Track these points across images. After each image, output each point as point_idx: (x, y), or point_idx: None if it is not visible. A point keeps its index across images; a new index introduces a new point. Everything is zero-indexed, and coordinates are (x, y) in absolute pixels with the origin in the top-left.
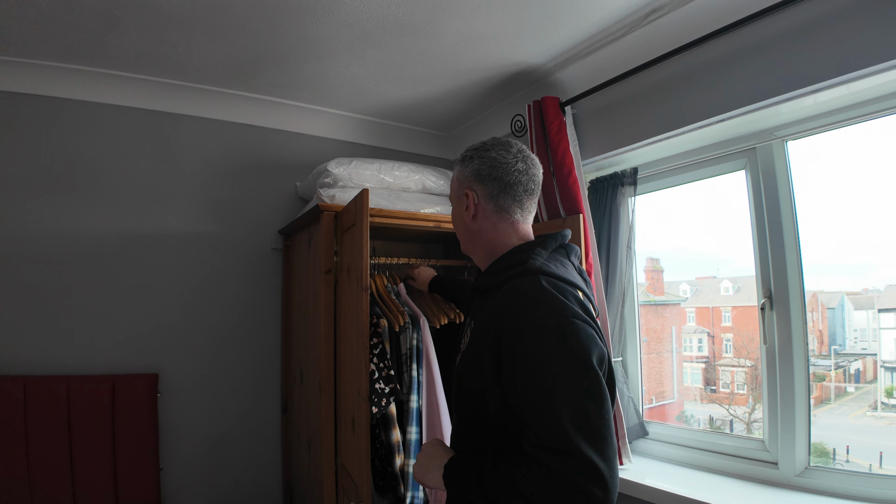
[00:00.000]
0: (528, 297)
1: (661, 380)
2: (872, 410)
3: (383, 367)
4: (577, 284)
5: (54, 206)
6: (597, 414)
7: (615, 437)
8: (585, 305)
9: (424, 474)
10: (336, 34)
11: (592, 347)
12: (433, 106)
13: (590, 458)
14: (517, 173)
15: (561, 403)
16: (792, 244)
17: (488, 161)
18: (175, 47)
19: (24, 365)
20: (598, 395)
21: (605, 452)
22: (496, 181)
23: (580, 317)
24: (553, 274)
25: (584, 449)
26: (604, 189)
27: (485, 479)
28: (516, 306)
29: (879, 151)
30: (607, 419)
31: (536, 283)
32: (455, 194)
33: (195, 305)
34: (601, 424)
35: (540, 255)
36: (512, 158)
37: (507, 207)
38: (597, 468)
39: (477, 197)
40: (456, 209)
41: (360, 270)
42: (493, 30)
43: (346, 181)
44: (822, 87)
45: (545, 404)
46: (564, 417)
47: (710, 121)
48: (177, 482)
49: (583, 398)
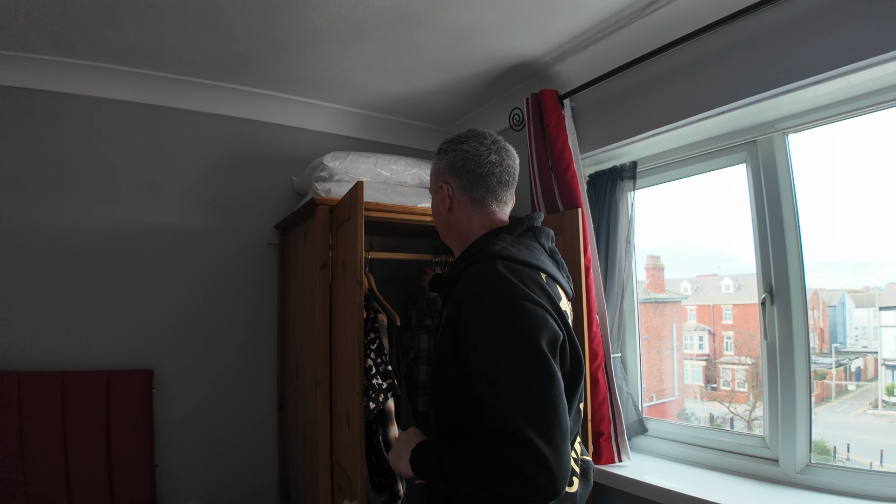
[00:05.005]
0: (482, 281)
1: (661, 377)
2: (873, 408)
3: (381, 362)
4: (541, 267)
5: (48, 200)
6: (542, 396)
7: (565, 420)
8: (547, 288)
9: (397, 460)
10: (331, 26)
11: (541, 329)
12: (430, 100)
13: (532, 440)
14: (490, 165)
15: (505, 386)
16: (793, 238)
17: (461, 154)
18: (170, 40)
19: (17, 360)
20: (545, 377)
21: (551, 436)
22: (469, 173)
23: (531, 298)
24: (511, 257)
25: (526, 432)
26: (603, 183)
27: (443, 463)
28: (471, 291)
29: (881, 145)
30: (555, 402)
31: (491, 268)
32: (432, 187)
33: (190, 301)
34: (547, 407)
35: (503, 240)
36: (485, 150)
37: (481, 199)
38: (539, 452)
39: (451, 189)
40: (434, 201)
41: (355, 264)
42: (491, 22)
43: (343, 175)
44: (823, 78)
45: (490, 387)
46: (507, 399)
47: (710, 113)
48: (172, 478)
49: (527, 380)
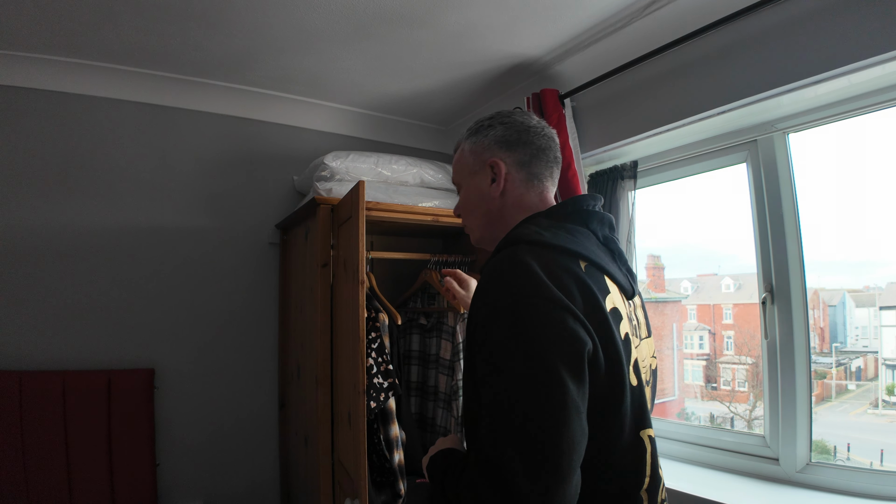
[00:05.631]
0: (492, 272)
1: (661, 377)
2: (873, 408)
3: (382, 361)
4: (581, 253)
5: (49, 200)
6: (539, 423)
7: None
8: (585, 279)
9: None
10: (332, 25)
11: (551, 337)
12: (431, 99)
13: (510, 477)
14: (546, 138)
15: (492, 403)
16: (793, 237)
17: (515, 126)
18: (171, 40)
19: (19, 359)
20: (546, 399)
21: (538, 474)
22: (527, 146)
23: (546, 295)
24: (540, 241)
25: (510, 465)
26: (603, 182)
27: (446, 480)
28: (481, 285)
29: (881, 145)
30: (556, 433)
31: (510, 256)
32: (470, 170)
33: (192, 300)
34: (542, 437)
35: (536, 223)
36: (536, 122)
37: (540, 175)
38: (518, 492)
39: (506, 166)
40: (474, 188)
41: (357, 264)
42: (492, 21)
43: (344, 174)
44: (823, 78)
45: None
46: (494, 421)
47: (711, 113)
48: (173, 477)
49: (521, 399)
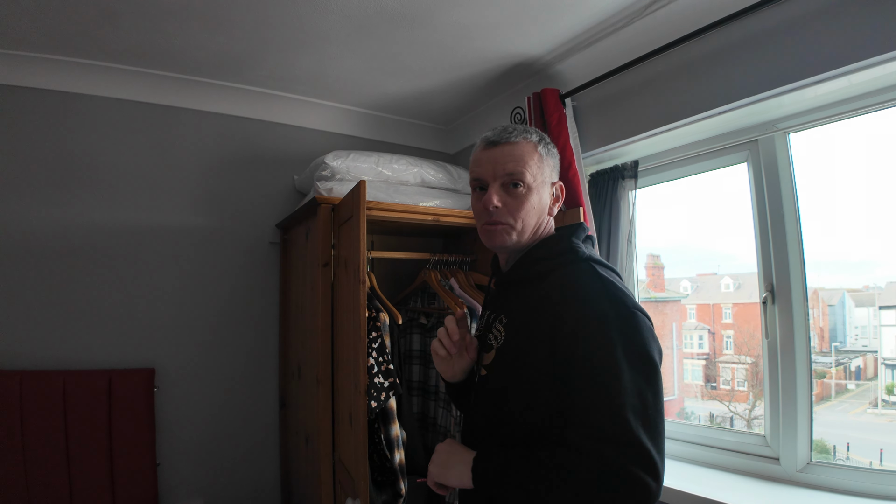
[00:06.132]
0: (587, 286)
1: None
2: (873, 408)
3: (382, 361)
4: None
5: (50, 199)
6: (654, 406)
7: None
8: None
9: (445, 473)
10: (333, 25)
11: (651, 341)
12: (432, 99)
13: (648, 448)
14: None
15: (624, 395)
16: (794, 236)
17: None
18: (172, 39)
19: (19, 359)
20: (656, 387)
21: (660, 444)
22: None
23: (640, 308)
24: (603, 263)
25: (643, 440)
26: (604, 182)
27: (523, 472)
28: (573, 297)
29: (881, 145)
30: (662, 412)
31: (592, 272)
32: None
33: (192, 299)
34: (657, 416)
35: (583, 243)
36: None
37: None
38: (653, 459)
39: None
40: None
41: (358, 263)
42: (493, 20)
43: (344, 174)
44: (824, 78)
45: (607, 395)
46: (627, 408)
47: (712, 112)
48: (174, 477)
49: (643, 390)
